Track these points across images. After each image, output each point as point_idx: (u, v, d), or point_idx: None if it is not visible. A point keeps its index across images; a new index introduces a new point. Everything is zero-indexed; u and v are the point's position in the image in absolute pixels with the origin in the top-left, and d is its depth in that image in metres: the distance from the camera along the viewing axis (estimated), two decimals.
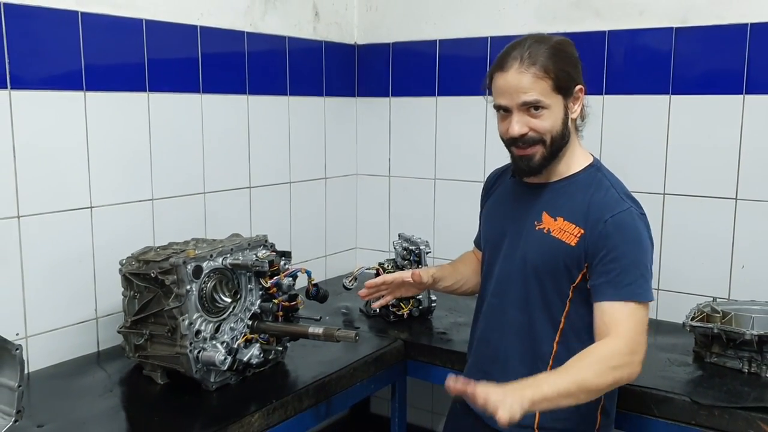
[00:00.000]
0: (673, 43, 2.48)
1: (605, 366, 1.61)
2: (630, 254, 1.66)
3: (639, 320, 1.65)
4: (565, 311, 1.75)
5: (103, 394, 1.95)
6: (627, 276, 1.65)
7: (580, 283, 1.72)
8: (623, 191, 1.75)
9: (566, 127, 1.73)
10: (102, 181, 2.23)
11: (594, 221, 1.69)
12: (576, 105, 1.74)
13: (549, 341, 1.76)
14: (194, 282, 1.92)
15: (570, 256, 1.71)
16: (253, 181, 2.77)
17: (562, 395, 1.57)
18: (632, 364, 1.63)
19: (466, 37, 2.91)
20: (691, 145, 2.50)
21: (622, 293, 1.65)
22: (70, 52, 2.12)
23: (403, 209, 3.22)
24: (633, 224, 1.68)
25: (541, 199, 1.80)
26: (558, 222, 1.74)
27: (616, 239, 1.66)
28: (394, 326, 2.55)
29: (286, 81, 2.87)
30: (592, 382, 1.60)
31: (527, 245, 1.79)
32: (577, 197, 1.74)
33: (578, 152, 1.80)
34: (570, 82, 1.71)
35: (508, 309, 1.83)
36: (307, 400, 2.01)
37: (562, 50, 1.72)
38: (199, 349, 1.93)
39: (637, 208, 1.71)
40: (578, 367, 1.61)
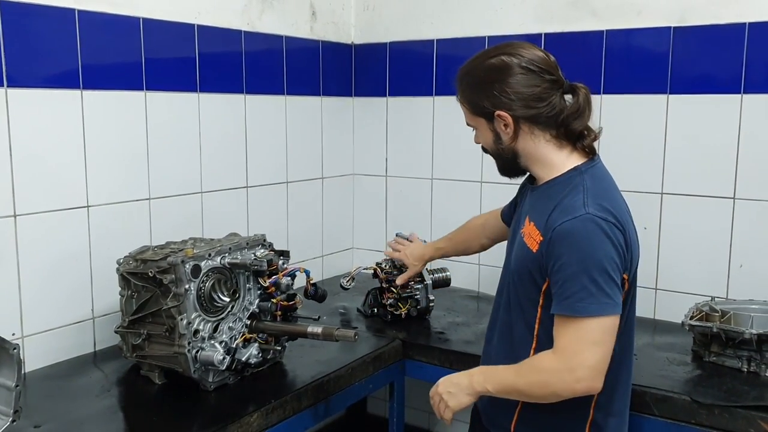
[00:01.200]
0: (671, 43, 2.48)
1: (537, 378, 1.63)
2: (572, 264, 1.55)
3: (579, 336, 1.56)
4: (538, 317, 1.70)
5: (100, 395, 1.94)
6: (567, 288, 1.56)
7: (547, 289, 1.65)
8: (595, 198, 1.61)
9: (500, 146, 1.74)
10: (99, 180, 2.22)
11: (548, 228, 1.62)
12: (506, 128, 1.69)
13: (527, 346, 1.73)
14: (192, 281, 1.91)
15: (532, 262, 1.66)
16: (250, 180, 2.76)
17: (503, 393, 1.70)
18: (565, 381, 1.57)
19: (463, 37, 2.91)
20: (689, 144, 2.50)
21: (561, 306, 1.58)
22: (67, 50, 2.10)
23: (401, 209, 3.22)
24: (581, 231, 1.56)
25: (530, 202, 1.79)
26: (530, 226, 1.70)
27: (560, 248, 1.58)
28: (391, 326, 2.54)
29: (283, 80, 2.86)
30: (523, 390, 1.67)
31: (513, 248, 1.80)
32: (549, 202, 1.67)
33: (556, 160, 1.71)
34: (484, 109, 1.70)
35: (500, 310, 1.85)
36: (306, 400, 2.00)
37: (483, 78, 1.70)
38: (198, 348, 1.92)
39: (599, 213, 1.57)
40: (518, 371, 1.67)
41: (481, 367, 1.80)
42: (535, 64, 1.66)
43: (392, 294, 2.57)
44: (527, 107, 1.67)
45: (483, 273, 3.00)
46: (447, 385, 1.77)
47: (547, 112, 1.67)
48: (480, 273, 3.01)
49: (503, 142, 1.73)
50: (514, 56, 1.66)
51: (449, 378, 1.79)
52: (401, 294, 2.56)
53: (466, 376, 1.76)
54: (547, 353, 1.63)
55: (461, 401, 1.75)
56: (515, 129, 1.69)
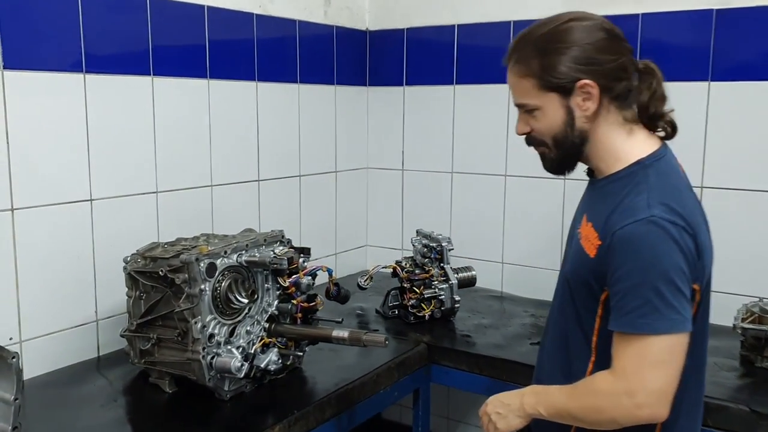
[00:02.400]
0: (713, 26, 2.33)
1: (592, 402, 1.44)
2: (633, 275, 1.36)
3: (641, 356, 1.36)
4: (596, 328, 1.51)
5: (106, 405, 1.78)
6: (628, 302, 1.36)
7: (607, 298, 1.45)
8: (661, 197, 1.40)
9: (572, 128, 1.47)
10: (103, 172, 2.06)
11: (607, 232, 1.41)
12: (588, 101, 1.44)
13: (584, 359, 1.55)
14: (208, 281, 1.75)
15: (590, 269, 1.46)
16: (262, 173, 2.60)
17: (556, 417, 1.50)
18: (623, 407, 1.38)
19: (486, 22, 2.75)
20: (732, 134, 2.35)
21: (620, 322, 1.38)
22: (69, 31, 1.94)
23: (418, 205, 3.06)
24: (644, 237, 1.35)
25: (589, 199, 1.59)
26: (587, 227, 1.50)
27: (620, 256, 1.38)
28: (414, 328, 2.38)
29: (296, 68, 2.70)
30: (577, 415, 1.47)
31: (569, 249, 1.61)
32: (609, 201, 1.46)
33: (620, 148, 1.49)
34: (562, 79, 1.43)
35: (555, 316, 1.66)
36: (330, 410, 1.85)
37: (555, 40, 1.44)
38: (213, 354, 1.76)
39: (665, 215, 1.36)
40: (572, 394, 1.47)
41: (534, 386, 1.60)
42: (616, 30, 1.46)
43: (415, 294, 2.41)
44: (613, 78, 1.43)
45: (506, 272, 2.85)
46: (496, 405, 1.59)
47: (628, 86, 1.45)
48: (503, 272, 2.85)
49: (576, 122, 1.46)
50: (590, 19, 1.46)
51: (498, 397, 1.61)
52: (424, 294, 2.40)
53: (517, 396, 1.57)
54: (605, 374, 1.43)
55: (511, 424, 1.56)
56: (599, 104, 1.44)
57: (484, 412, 1.61)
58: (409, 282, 2.43)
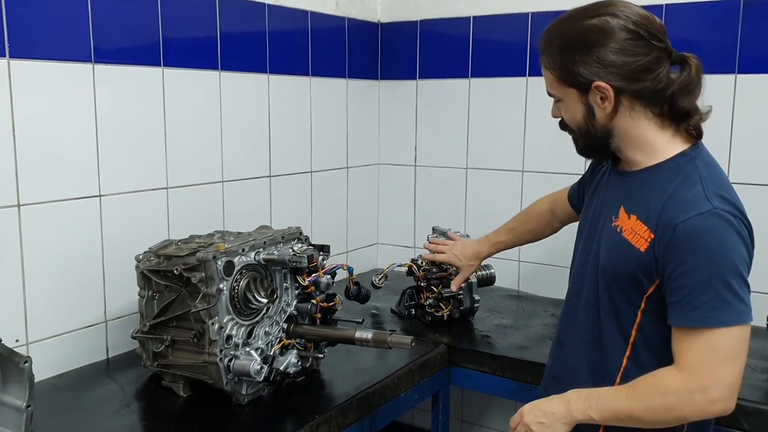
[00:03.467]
0: (740, 17, 2.26)
1: (661, 402, 1.39)
2: (703, 269, 1.34)
3: (714, 350, 1.34)
4: (636, 323, 1.48)
5: (119, 410, 1.69)
6: (697, 296, 1.34)
7: (653, 293, 1.44)
8: (715, 188, 1.40)
9: (592, 123, 1.47)
10: (112, 167, 1.97)
11: (665, 225, 1.38)
12: (605, 102, 1.44)
13: (618, 355, 1.51)
14: (225, 280, 1.67)
15: (639, 263, 1.43)
16: (274, 169, 2.52)
17: (611, 420, 1.46)
18: (696, 403, 1.36)
19: (503, 14, 2.67)
20: (760, 128, 2.28)
21: (690, 317, 1.36)
22: (76, 19, 1.85)
23: (431, 202, 2.98)
24: (710, 230, 1.34)
25: (623, 190, 1.54)
26: (631, 220, 1.46)
27: (686, 250, 1.35)
28: (431, 329, 2.30)
29: (308, 60, 2.62)
30: (641, 416, 1.42)
31: (601, 242, 1.54)
32: (655, 192, 1.44)
33: (657, 140, 1.48)
34: (579, 76, 1.43)
35: (580, 310, 1.60)
36: (352, 415, 1.77)
37: (577, 38, 1.44)
38: (231, 357, 1.68)
39: (726, 207, 1.36)
40: (632, 395, 1.42)
41: (577, 391, 1.51)
42: (644, 28, 1.40)
43: (432, 293, 2.33)
44: (632, 80, 1.41)
45: (523, 270, 2.77)
46: (537, 414, 1.50)
47: (653, 86, 1.42)
48: (520, 270, 2.78)
49: (597, 118, 1.47)
50: (620, 17, 1.41)
51: (537, 406, 1.53)
52: (442, 293, 2.32)
53: (561, 402, 1.50)
54: (669, 372, 1.39)
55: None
56: (615, 104, 1.44)
57: (521, 423, 1.53)
58: (426, 281, 2.35)
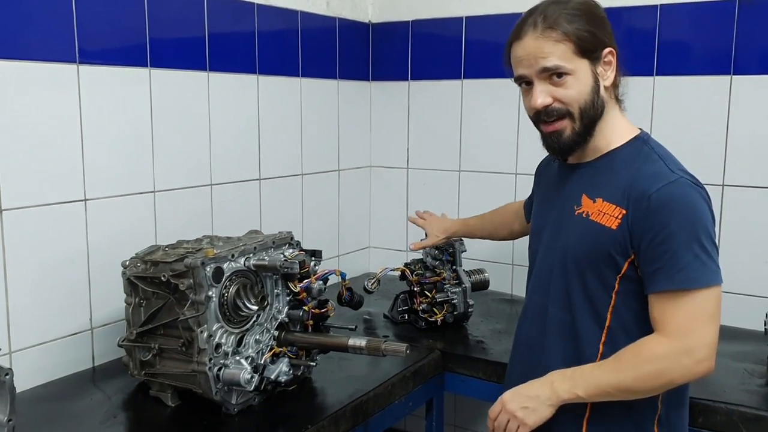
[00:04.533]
0: (735, 17, 2.23)
1: (650, 369, 1.44)
2: (681, 232, 1.40)
3: (697, 310, 1.41)
4: (611, 306, 1.51)
5: (105, 421, 1.64)
6: (679, 259, 1.40)
7: (627, 271, 1.48)
8: (675, 164, 1.50)
9: (597, 96, 1.51)
10: (98, 170, 1.92)
11: (637, 198, 1.44)
12: (608, 70, 1.52)
13: (594, 342, 1.54)
14: (214, 287, 1.62)
15: (612, 241, 1.47)
16: (263, 172, 2.47)
17: (599, 396, 1.48)
18: (685, 366, 1.42)
19: (496, 14, 2.64)
20: (756, 130, 2.26)
21: (674, 280, 1.40)
22: (60, 19, 1.80)
23: (423, 205, 2.89)
24: (683, 197, 1.42)
25: (581, 180, 1.58)
26: (597, 203, 1.51)
27: (663, 216, 1.41)
28: (425, 334, 2.27)
29: (299, 61, 2.58)
30: (630, 386, 1.45)
31: (566, 234, 1.57)
32: (618, 174, 1.51)
33: (620, 124, 1.58)
34: (595, 44, 1.49)
35: (548, 307, 1.62)
36: (345, 424, 1.73)
37: (584, 10, 1.51)
38: (220, 365, 1.63)
39: (690, 178, 1.46)
40: (618, 367, 1.46)
41: (558, 372, 1.53)
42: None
43: (426, 298, 2.30)
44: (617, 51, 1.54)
45: (517, 274, 2.74)
46: (520, 400, 1.52)
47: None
48: (513, 274, 2.75)
49: (600, 91, 1.51)
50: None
51: (519, 392, 1.54)
52: (436, 298, 2.28)
53: (543, 385, 1.51)
54: (654, 338, 1.44)
55: (543, 415, 1.50)
56: (616, 74, 1.53)
57: (503, 411, 1.53)
58: (419, 285, 2.32)
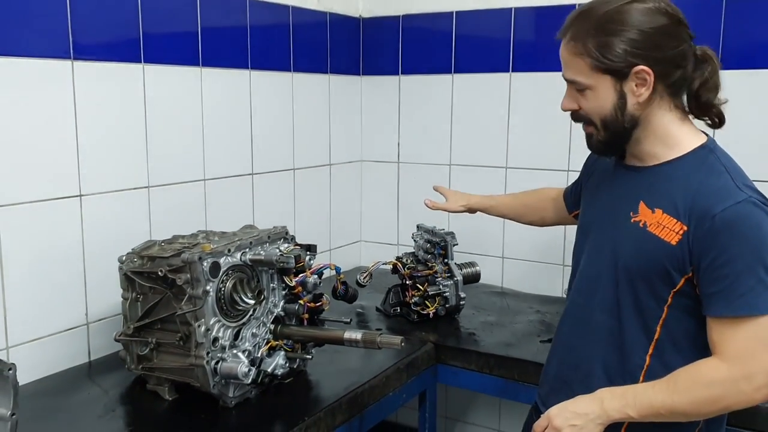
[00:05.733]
0: (723, 13, 2.26)
1: (707, 394, 1.39)
2: (745, 256, 1.35)
3: (757, 337, 1.36)
4: (662, 319, 1.46)
5: (104, 415, 1.66)
6: (741, 284, 1.35)
7: (683, 287, 1.43)
8: (741, 178, 1.42)
9: (622, 112, 1.44)
10: (93, 166, 1.93)
11: (700, 216, 1.38)
12: (642, 88, 1.41)
13: (641, 353, 1.49)
14: (211, 281, 1.64)
15: (670, 257, 1.41)
16: (256, 167, 2.48)
17: (650, 416, 1.43)
18: (743, 392, 1.37)
19: (487, 9, 2.66)
20: (744, 124, 2.24)
21: (734, 306, 1.36)
22: (55, 15, 1.80)
23: (414, 199, 2.92)
24: (749, 218, 1.36)
25: (639, 185, 1.50)
26: (656, 215, 1.44)
27: (727, 238, 1.35)
28: (418, 327, 2.29)
29: (290, 56, 2.59)
30: (685, 410, 1.41)
31: (619, 240, 1.51)
32: (680, 185, 1.43)
33: (680, 132, 1.48)
34: (618, 62, 1.40)
35: (594, 311, 1.56)
36: (341, 416, 1.75)
37: (615, 21, 1.39)
38: (217, 359, 1.65)
39: (757, 196, 1.39)
40: (673, 389, 1.40)
41: (608, 389, 1.48)
42: (679, 15, 1.42)
43: (418, 291, 2.32)
44: (671, 66, 1.41)
45: (508, 267, 2.77)
46: (568, 416, 1.46)
47: (683, 75, 1.43)
48: (504, 267, 2.78)
49: (628, 107, 1.43)
50: (654, 1, 1.40)
51: (568, 408, 1.48)
52: (428, 292, 2.31)
53: (593, 402, 1.46)
54: (712, 362, 1.39)
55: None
56: (653, 91, 1.42)
57: (549, 427, 1.49)
58: (411, 279, 2.34)
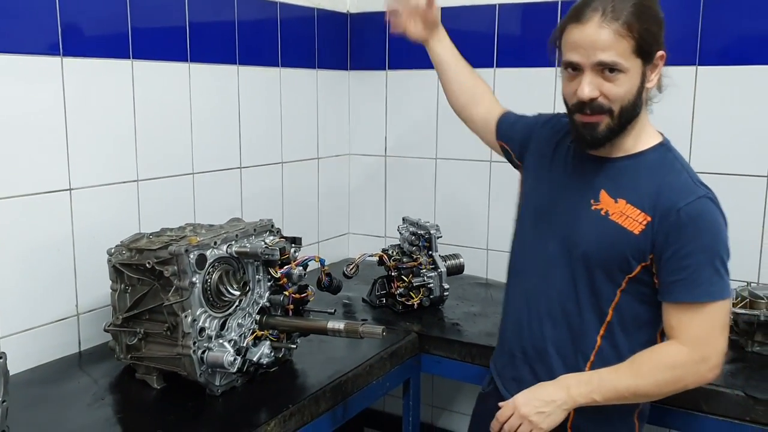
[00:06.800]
0: (701, 10, 2.31)
1: (669, 376, 1.52)
2: (706, 249, 1.48)
3: (713, 321, 1.50)
4: (615, 302, 1.57)
5: (93, 403, 1.70)
6: (701, 274, 1.48)
7: (638, 274, 1.54)
8: (695, 176, 1.56)
9: (639, 97, 1.51)
10: (82, 160, 1.97)
11: (665, 209, 1.48)
12: (654, 73, 1.52)
13: (593, 334, 1.59)
14: (198, 273, 1.68)
15: (631, 245, 1.52)
16: (244, 160, 2.53)
17: (614, 399, 1.55)
18: (699, 373, 1.52)
19: (471, 5, 2.70)
20: (719, 119, 2.34)
21: (695, 293, 1.49)
22: (45, 12, 1.84)
23: (401, 192, 3.01)
24: (709, 213, 1.49)
25: (601, 175, 1.59)
26: (619, 204, 1.54)
27: (691, 232, 1.47)
28: (402, 317, 2.34)
29: (278, 51, 2.62)
30: (648, 391, 1.55)
31: (578, 226, 1.59)
32: (644, 179, 1.54)
33: (648, 128, 1.60)
34: (653, 45, 1.49)
35: (551, 292, 1.64)
36: (324, 403, 1.81)
37: (650, 7, 1.49)
38: (204, 349, 1.70)
39: (711, 194, 1.52)
40: (637, 373, 1.53)
41: (573, 375, 1.58)
42: None
43: (403, 283, 2.37)
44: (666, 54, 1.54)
45: (492, 258, 2.82)
46: (536, 404, 1.55)
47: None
48: (488, 258, 2.83)
49: (643, 93, 1.52)
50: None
51: (533, 395, 1.57)
52: (413, 283, 2.36)
53: (559, 389, 1.55)
54: (673, 346, 1.52)
55: (557, 419, 1.55)
56: (659, 79, 1.54)
57: (515, 415, 1.56)
58: (396, 270, 2.39)
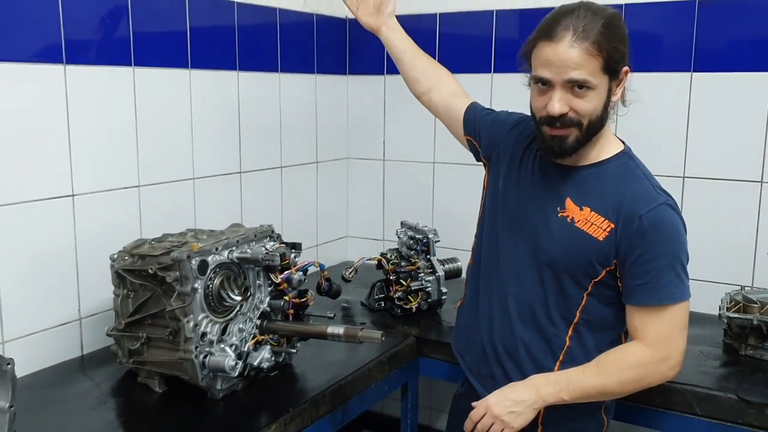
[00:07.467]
0: (695, 17, 2.34)
1: (633, 375, 1.60)
2: (667, 254, 1.56)
3: (674, 322, 1.58)
4: (582, 305, 1.65)
5: (96, 407, 1.73)
6: (662, 277, 1.55)
7: (603, 278, 1.61)
8: (655, 182, 1.63)
9: (606, 111, 1.58)
10: (85, 166, 1.99)
11: (628, 216, 1.56)
12: (619, 88, 1.58)
13: (561, 335, 1.67)
14: (200, 279, 1.71)
15: (596, 251, 1.59)
16: (244, 165, 2.55)
17: (581, 398, 1.62)
18: (661, 372, 1.61)
19: (469, 11, 2.73)
20: (714, 125, 2.37)
21: (657, 296, 1.56)
22: (48, 21, 1.86)
23: (399, 196, 3.04)
24: (669, 219, 1.56)
25: (567, 184, 1.66)
26: (584, 212, 1.61)
27: (652, 237, 1.54)
28: (400, 321, 2.37)
29: (278, 57, 2.65)
30: (614, 390, 1.62)
31: (545, 232, 1.66)
32: (608, 187, 1.61)
33: (610, 137, 1.68)
34: (620, 63, 1.54)
35: (520, 294, 1.71)
36: (324, 407, 1.83)
37: (616, 25, 1.54)
38: (206, 353, 1.72)
39: (671, 201, 1.60)
40: (603, 372, 1.60)
41: (542, 376, 1.65)
42: None
43: (401, 287, 2.40)
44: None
45: None
46: (507, 404, 1.61)
47: None
48: None
49: (608, 107, 1.57)
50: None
51: (504, 395, 1.64)
52: (411, 287, 2.38)
53: (528, 389, 1.62)
54: (636, 347, 1.60)
55: (528, 418, 1.62)
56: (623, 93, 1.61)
57: (488, 414, 1.62)
58: (395, 274, 2.42)
